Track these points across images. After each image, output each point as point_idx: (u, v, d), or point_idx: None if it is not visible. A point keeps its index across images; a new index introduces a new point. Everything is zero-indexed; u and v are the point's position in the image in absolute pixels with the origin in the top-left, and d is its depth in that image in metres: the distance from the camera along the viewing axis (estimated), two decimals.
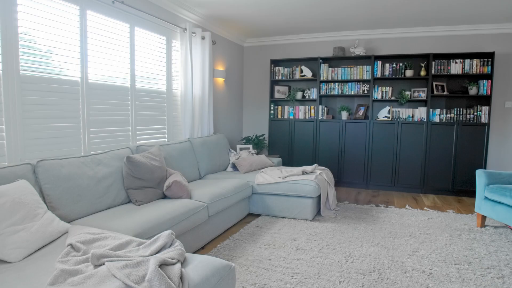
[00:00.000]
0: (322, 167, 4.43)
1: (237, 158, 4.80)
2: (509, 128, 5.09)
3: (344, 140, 5.52)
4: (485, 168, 4.88)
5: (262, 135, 5.86)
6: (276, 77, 5.87)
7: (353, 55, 5.41)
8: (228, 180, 3.80)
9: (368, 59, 5.45)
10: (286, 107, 5.87)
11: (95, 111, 3.22)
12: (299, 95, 5.79)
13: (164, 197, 3.17)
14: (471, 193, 5.01)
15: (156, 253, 1.66)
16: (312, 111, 5.72)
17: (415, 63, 5.32)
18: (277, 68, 5.86)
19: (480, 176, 3.60)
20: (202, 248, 3.07)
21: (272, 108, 5.89)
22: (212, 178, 4.19)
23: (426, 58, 5.14)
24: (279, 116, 5.92)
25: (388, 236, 3.36)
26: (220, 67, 5.50)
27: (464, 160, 4.98)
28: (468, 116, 4.96)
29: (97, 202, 2.67)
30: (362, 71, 5.39)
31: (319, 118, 5.64)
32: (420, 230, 3.54)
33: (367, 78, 5.35)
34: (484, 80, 4.83)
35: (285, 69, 5.83)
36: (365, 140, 5.41)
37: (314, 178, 3.90)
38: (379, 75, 5.32)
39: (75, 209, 2.50)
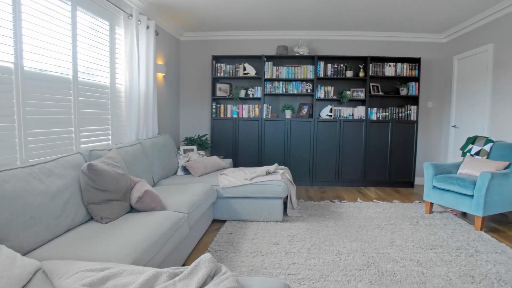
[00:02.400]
0: (283, 166, 4.34)
1: (187, 161, 4.38)
2: (431, 125, 5.76)
3: (289, 138, 5.53)
4: (415, 160, 5.43)
5: (205, 135, 5.50)
6: (218, 74, 5.58)
7: (296, 54, 5.46)
8: (192, 185, 3.41)
9: (311, 59, 5.56)
10: (229, 106, 5.62)
11: (33, 108, 2.53)
12: (242, 94, 5.60)
13: (131, 210, 2.66)
14: (405, 183, 5.51)
15: (203, 286, 1.31)
16: (257, 109, 5.60)
17: (355, 64, 5.63)
18: (219, 64, 5.56)
19: (427, 168, 3.95)
20: (183, 265, 2.67)
21: (214, 106, 5.57)
22: (168, 184, 3.73)
23: (364, 60, 5.47)
24: (222, 115, 5.64)
25: (360, 230, 3.43)
26: (160, 61, 4.97)
27: (398, 154, 5.46)
28: (400, 115, 5.45)
29: (54, 224, 2.08)
30: (306, 71, 5.47)
31: (264, 117, 5.55)
32: (383, 221, 3.71)
33: (311, 77, 5.46)
34: (413, 83, 5.37)
35: (228, 66, 5.58)
36: (310, 138, 5.51)
37: (281, 178, 3.78)
38: (322, 75, 5.47)
39: (29, 236, 1.89)
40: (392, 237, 3.23)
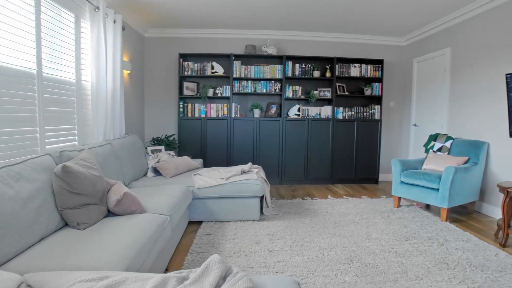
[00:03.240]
0: (256, 166, 4.32)
1: (157, 161, 4.22)
2: (393, 123, 6.07)
3: (258, 138, 5.54)
4: (379, 157, 5.69)
5: (172, 135, 5.33)
6: (186, 73, 5.44)
7: (265, 54, 5.48)
8: (168, 186, 3.29)
9: (279, 58, 5.61)
10: (197, 105, 5.50)
11: None
12: (210, 93, 5.51)
13: (108, 214, 2.50)
14: (371, 180, 5.75)
15: None
16: (225, 109, 5.53)
17: (322, 65, 5.76)
18: (186, 63, 5.42)
19: (395, 164, 4.15)
20: (167, 270, 2.55)
21: (181, 105, 5.43)
22: (140, 186, 3.57)
23: (331, 61, 5.62)
24: (190, 114, 5.51)
25: (336, 225, 3.51)
26: (125, 58, 4.73)
27: (363, 152, 5.68)
28: (365, 114, 5.68)
29: (27, 233, 1.89)
30: (275, 70, 5.51)
31: (233, 116, 5.50)
32: (357, 216, 3.83)
33: (279, 77, 5.51)
34: (376, 83, 5.61)
35: (195, 65, 5.46)
36: (278, 137, 5.56)
37: (256, 176, 3.77)
38: (290, 74, 5.54)
39: (1, 248, 1.70)
40: (368, 231, 3.35)
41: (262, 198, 4.03)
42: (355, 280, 2.33)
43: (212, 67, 5.47)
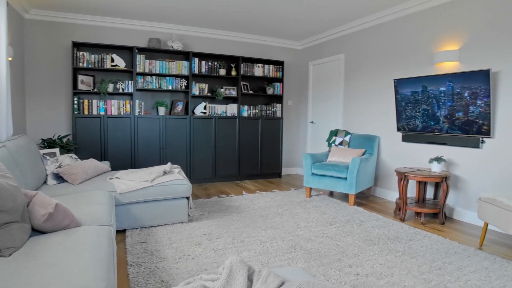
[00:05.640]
0: (176, 165, 4.12)
1: (59, 166, 3.63)
2: (292, 121, 6.59)
3: (165, 136, 5.28)
4: (281, 153, 6.12)
5: (67, 135, 4.62)
6: (80, 64, 4.77)
7: (171, 49, 5.25)
8: (88, 194, 2.88)
9: (186, 54, 5.44)
10: (94, 101, 4.89)
11: None
12: (110, 88, 4.98)
13: (32, 233, 2.05)
14: (275, 174, 6.12)
15: None
16: (128, 106, 5.09)
17: (227, 63, 5.84)
18: (81, 53, 4.76)
19: (306, 158, 4.55)
20: None
21: (76, 102, 4.74)
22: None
23: (237, 60, 5.75)
24: (86, 112, 4.86)
25: (264, 219, 3.66)
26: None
27: (267, 148, 6.02)
28: (268, 112, 6.02)
29: None
30: (181, 67, 5.33)
31: (137, 114, 5.10)
32: (278, 208, 4.06)
33: (186, 73, 5.36)
34: (278, 83, 6.01)
35: (92, 56, 4.84)
36: (186, 136, 5.41)
37: (182, 176, 3.62)
38: (196, 71, 5.45)
39: None
40: (295, 220, 3.60)
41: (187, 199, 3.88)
42: (308, 265, 2.51)
43: (112, 60, 4.95)
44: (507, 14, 3.23)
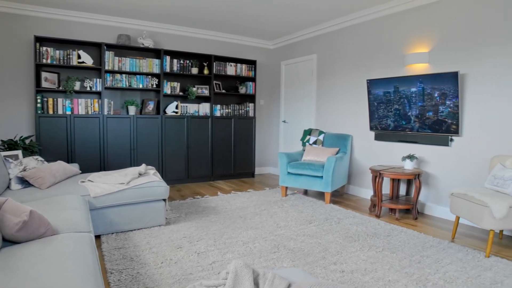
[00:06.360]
0: (151, 167, 3.98)
1: (24, 170, 3.39)
2: (264, 120, 6.60)
3: (136, 137, 5.10)
4: (254, 152, 6.11)
5: (29, 136, 4.32)
6: (44, 60, 4.48)
7: (141, 46, 5.07)
8: (59, 199, 2.71)
9: (157, 52, 5.28)
10: (60, 100, 4.62)
11: None
12: (77, 86, 4.73)
13: (3, 244, 1.89)
14: (248, 174, 6.10)
15: None
16: (96, 105, 4.85)
17: (200, 62, 5.73)
18: (44, 48, 4.47)
19: (282, 157, 4.57)
20: None
21: (39, 100, 4.45)
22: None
23: (209, 58, 5.66)
24: (51, 111, 4.58)
25: (244, 219, 3.63)
26: None
27: (240, 148, 5.98)
28: (240, 111, 5.99)
29: None
30: (152, 65, 5.17)
31: (106, 113, 4.88)
32: (256, 208, 4.05)
33: (157, 72, 5.20)
34: (250, 82, 6.00)
35: (57, 52, 4.56)
36: (158, 136, 5.26)
37: (158, 178, 3.51)
38: (168, 70, 5.31)
39: None
40: (274, 220, 3.60)
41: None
42: (293, 264, 2.51)
43: (79, 56, 4.69)
44: (473, 19, 3.42)
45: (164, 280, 2.27)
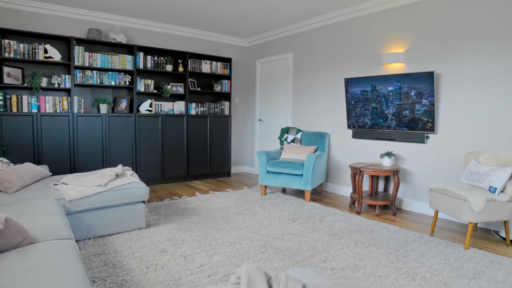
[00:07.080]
0: (127, 167, 3.81)
1: None
2: (239, 119, 6.54)
3: (108, 136, 4.87)
4: (230, 152, 6.04)
5: None
6: (6, 54, 4.16)
7: (113, 41, 4.85)
8: (31, 203, 2.53)
9: (130, 48, 5.06)
10: (25, 97, 4.32)
11: None
12: (44, 82, 4.44)
13: None
14: (224, 173, 6.03)
15: None
16: (65, 103, 4.58)
17: (174, 59, 5.57)
18: (7, 41, 4.15)
19: (261, 156, 4.54)
20: None
21: (1, 98, 4.14)
22: None
23: (184, 55, 5.51)
24: (15, 109, 4.26)
25: (226, 220, 3.57)
26: None
27: (216, 147, 5.89)
28: (216, 110, 5.89)
29: None
30: (125, 61, 4.96)
31: (76, 111, 4.63)
32: (237, 208, 4.00)
33: (130, 68, 5.00)
34: (226, 80, 5.91)
35: (21, 45, 4.25)
36: (131, 136, 5.06)
37: (137, 179, 3.37)
38: (141, 66, 5.12)
39: None
40: (257, 219, 3.56)
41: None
42: (283, 264, 2.49)
43: (46, 51, 4.41)
44: (447, 21, 3.56)
45: (153, 286, 2.17)
